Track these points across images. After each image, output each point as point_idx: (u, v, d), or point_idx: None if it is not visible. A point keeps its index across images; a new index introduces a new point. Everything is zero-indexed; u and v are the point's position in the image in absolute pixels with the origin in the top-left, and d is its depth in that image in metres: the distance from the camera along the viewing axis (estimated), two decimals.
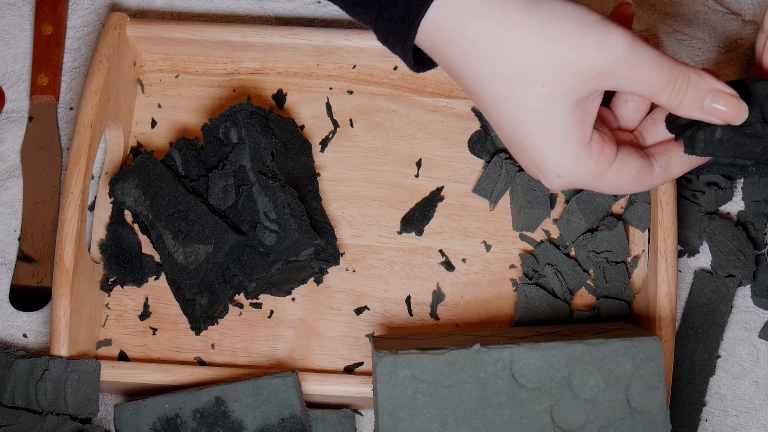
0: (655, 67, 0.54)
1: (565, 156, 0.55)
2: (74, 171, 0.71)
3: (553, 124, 0.54)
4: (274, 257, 0.68)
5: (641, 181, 0.58)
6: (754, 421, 0.71)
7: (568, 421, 0.60)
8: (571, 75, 0.53)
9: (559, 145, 0.55)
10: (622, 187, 0.58)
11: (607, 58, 0.53)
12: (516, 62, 0.53)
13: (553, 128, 0.55)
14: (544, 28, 0.53)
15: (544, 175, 0.57)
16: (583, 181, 0.57)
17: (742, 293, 0.75)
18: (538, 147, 0.55)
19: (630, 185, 0.58)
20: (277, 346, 0.73)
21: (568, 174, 0.56)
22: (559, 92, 0.54)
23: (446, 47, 0.55)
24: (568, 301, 0.72)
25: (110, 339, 0.73)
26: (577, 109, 0.55)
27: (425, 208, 0.76)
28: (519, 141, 0.56)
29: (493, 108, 0.56)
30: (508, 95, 0.54)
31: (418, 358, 0.60)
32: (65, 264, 0.68)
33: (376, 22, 0.58)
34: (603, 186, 0.57)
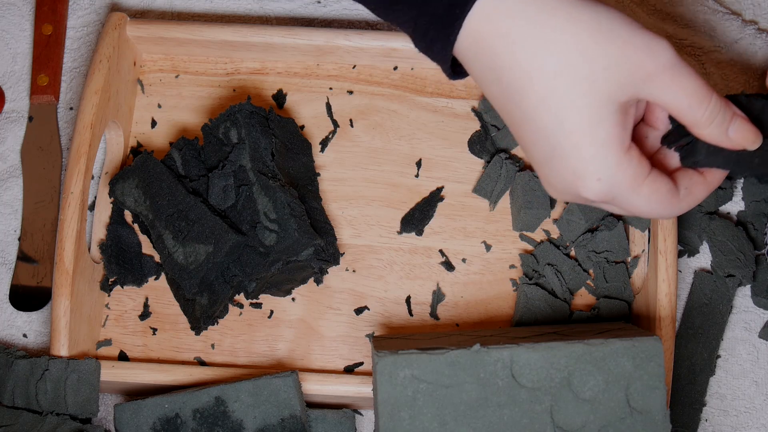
0: (694, 82, 0.54)
1: (606, 157, 0.54)
2: (74, 171, 0.71)
3: (599, 124, 0.54)
4: (274, 257, 0.68)
5: (671, 202, 0.57)
6: (754, 421, 0.71)
7: (568, 421, 0.60)
8: (619, 74, 0.53)
9: (603, 146, 0.54)
10: (653, 205, 0.56)
11: (654, 62, 0.53)
12: (567, 55, 0.53)
13: (598, 128, 0.54)
14: (598, 23, 0.53)
15: (582, 180, 0.55)
16: (620, 188, 0.55)
17: (742, 293, 0.75)
18: (580, 147, 0.54)
19: (661, 204, 0.56)
20: (277, 346, 0.73)
21: (608, 178, 0.55)
22: (605, 91, 0.53)
23: (494, 40, 0.54)
24: (568, 301, 0.72)
25: (110, 339, 0.73)
26: (620, 112, 0.54)
27: (425, 208, 0.76)
28: (559, 142, 0.54)
29: (535, 107, 0.54)
30: (554, 91, 0.53)
31: (418, 358, 0.60)
32: (65, 264, 0.68)
33: (417, 19, 0.56)
34: (636, 199, 0.56)
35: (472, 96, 0.78)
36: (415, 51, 0.76)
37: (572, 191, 0.56)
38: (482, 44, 0.55)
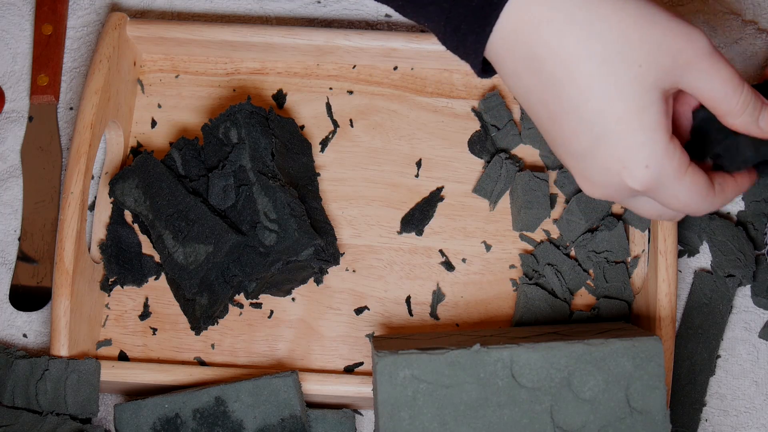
0: (729, 70, 0.54)
1: (655, 144, 0.53)
2: (74, 171, 0.71)
3: (646, 110, 0.53)
4: (274, 257, 0.68)
5: (708, 194, 0.57)
6: (754, 421, 0.71)
7: (568, 421, 0.60)
8: (662, 61, 0.53)
9: (652, 132, 0.53)
10: (693, 196, 0.56)
11: (693, 49, 0.53)
12: (613, 42, 0.52)
13: (645, 114, 0.53)
14: (641, 11, 0.53)
15: (629, 168, 0.54)
16: (666, 176, 0.54)
17: (742, 293, 0.75)
18: (628, 134, 0.53)
19: (699, 196, 0.56)
20: (277, 346, 0.73)
21: (656, 165, 0.54)
22: (651, 78, 0.53)
23: (537, 27, 0.53)
24: (568, 301, 0.72)
25: (110, 339, 0.73)
26: (663, 100, 0.54)
27: (425, 208, 0.76)
28: (605, 130, 0.53)
29: (580, 95, 0.53)
30: (601, 77, 0.53)
31: (418, 358, 0.60)
32: (65, 264, 0.68)
33: (449, 13, 0.56)
34: (679, 189, 0.55)
35: (472, 96, 0.78)
36: (415, 51, 0.77)
37: (615, 182, 0.55)
38: (521, 34, 0.54)
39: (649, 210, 0.58)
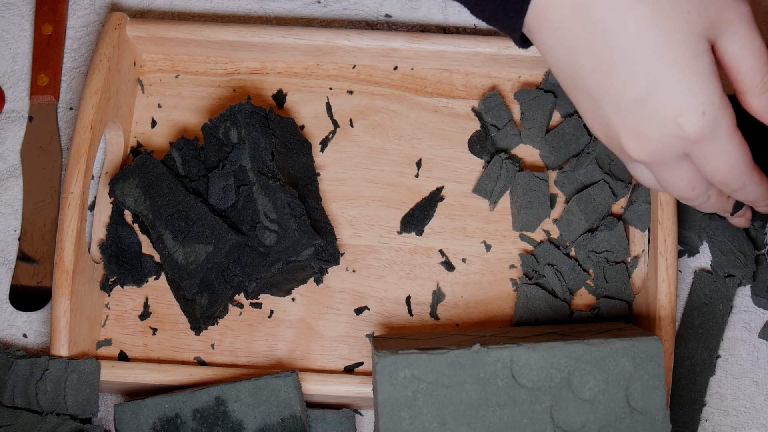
0: (761, 43, 0.54)
1: (712, 90, 0.53)
2: (74, 171, 0.71)
3: (700, 57, 0.52)
4: (274, 257, 0.68)
5: (750, 165, 0.56)
6: (754, 421, 0.71)
7: (568, 421, 0.60)
8: (711, 11, 0.52)
9: (708, 78, 0.52)
10: (741, 158, 0.55)
11: (737, 10, 0.53)
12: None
13: (699, 60, 0.52)
14: None
15: (685, 115, 0.53)
16: (721, 126, 0.53)
17: (742, 293, 0.75)
18: (686, 79, 0.52)
19: (745, 163, 0.55)
20: (277, 346, 0.73)
21: (712, 112, 0.53)
22: (699, 27, 0.52)
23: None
24: (568, 301, 0.72)
25: (110, 339, 0.73)
26: (710, 52, 0.53)
27: (425, 208, 0.76)
28: (660, 76, 0.52)
29: (633, 41, 0.52)
30: (653, 23, 0.52)
31: (418, 358, 0.60)
32: (65, 264, 0.68)
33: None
34: (730, 145, 0.54)
35: (472, 96, 0.78)
36: (415, 51, 0.77)
37: (668, 132, 0.54)
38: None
39: (685, 179, 0.57)
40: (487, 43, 0.76)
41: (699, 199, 0.60)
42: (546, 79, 0.77)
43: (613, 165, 0.74)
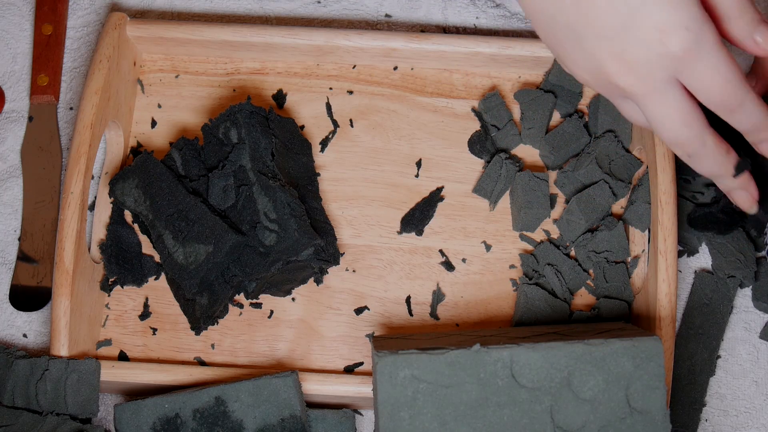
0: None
1: (693, 6, 0.53)
2: (74, 171, 0.71)
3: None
4: (274, 257, 0.68)
5: (744, 79, 0.55)
6: (754, 421, 0.71)
7: (568, 421, 0.60)
8: None
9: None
10: (732, 71, 0.54)
11: None
12: None
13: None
14: None
15: (668, 32, 0.53)
16: (707, 39, 0.54)
17: (743, 293, 0.75)
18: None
19: (738, 75, 0.55)
20: (277, 346, 0.73)
21: (696, 27, 0.53)
22: None
23: None
24: (568, 301, 0.72)
25: (110, 339, 0.73)
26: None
27: (425, 208, 0.76)
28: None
29: None
30: None
31: (418, 358, 0.60)
32: (65, 264, 0.68)
33: None
34: (720, 57, 0.54)
35: (472, 96, 0.78)
36: (415, 51, 0.77)
37: (655, 51, 0.54)
38: None
39: (677, 111, 0.56)
40: (487, 43, 0.76)
41: (694, 144, 0.58)
42: (546, 79, 0.77)
43: (613, 165, 0.74)
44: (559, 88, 0.77)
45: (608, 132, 0.75)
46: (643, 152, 0.74)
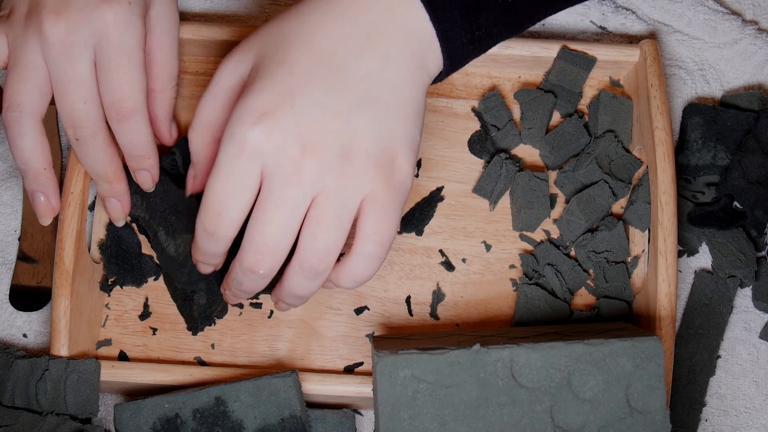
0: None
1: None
2: (74, 171, 0.71)
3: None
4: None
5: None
6: (754, 421, 0.71)
7: (568, 421, 0.60)
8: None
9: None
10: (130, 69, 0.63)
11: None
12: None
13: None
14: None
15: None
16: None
17: (743, 293, 0.75)
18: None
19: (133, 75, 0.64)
20: (277, 346, 0.73)
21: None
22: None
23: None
24: (568, 301, 0.72)
25: (110, 339, 0.73)
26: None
27: (425, 208, 0.76)
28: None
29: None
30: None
31: (418, 358, 0.60)
32: (65, 264, 0.68)
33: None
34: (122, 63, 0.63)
35: (472, 96, 0.78)
36: None
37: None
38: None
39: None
40: None
41: (87, 128, 0.63)
42: (546, 79, 0.77)
43: (613, 165, 0.74)
44: (559, 88, 0.77)
45: (608, 132, 0.75)
46: (643, 152, 0.74)
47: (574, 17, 0.83)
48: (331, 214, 0.56)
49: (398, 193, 0.58)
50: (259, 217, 0.57)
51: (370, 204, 0.57)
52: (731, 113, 0.76)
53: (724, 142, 0.76)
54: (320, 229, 0.57)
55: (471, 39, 0.60)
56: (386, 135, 0.57)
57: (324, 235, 0.57)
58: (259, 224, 0.57)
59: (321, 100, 0.56)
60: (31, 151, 0.63)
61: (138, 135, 0.65)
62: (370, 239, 0.58)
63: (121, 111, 0.63)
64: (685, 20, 0.82)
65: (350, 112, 0.56)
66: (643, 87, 0.73)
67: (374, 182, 0.57)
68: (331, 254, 0.58)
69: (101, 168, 0.66)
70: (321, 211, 0.56)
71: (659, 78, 0.73)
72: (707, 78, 0.80)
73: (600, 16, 0.83)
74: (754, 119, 0.76)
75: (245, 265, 0.59)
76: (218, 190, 0.57)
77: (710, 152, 0.76)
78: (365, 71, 0.57)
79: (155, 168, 0.67)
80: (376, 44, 0.57)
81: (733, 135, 0.76)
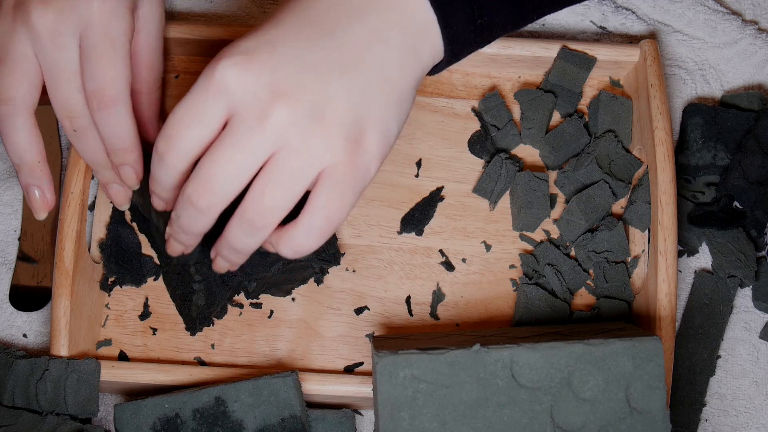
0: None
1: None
2: (74, 171, 0.71)
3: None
4: (274, 257, 0.68)
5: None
6: (754, 421, 0.71)
7: (568, 421, 0.60)
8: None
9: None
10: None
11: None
12: None
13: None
14: None
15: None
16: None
17: (743, 293, 0.75)
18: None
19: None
20: (277, 346, 0.73)
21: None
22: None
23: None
24: (568, 301, 0.72)
25: (110, 339, 0.73)
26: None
27: (425, 208, 0.76)
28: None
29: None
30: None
31: (418, 358, 0.60)
32: (65, 264, 0.68)
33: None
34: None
35: (472, 96, 0.78)
36: None
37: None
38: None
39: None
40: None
41: (83, 119, 0.62)
42: (546, 79, 0.77)
43: (613, 165, 0.74)
44: (559, 88, 0.77)
45: (608, 132, 0.75)
46: (643, 152, 0.74)
47: (574, 17, 0.83)
48: (287, 176, 0.54)
49: (359, 174, 0.56)
50: (213, 152, 0.54)
51: (328, 178, 0.55)
52: (731, 113, 0.76)
53: (724, 142, 0.76)
54: (269, 187, 0.54)
55: (473, 27, 0.59)
56: (361, 108, 0.55)
57: (272, 193, 0.54)
58: (210, 159, 0.54)
59: (302, 55, 0.54)
60: (24, 144, 0.62)
61: (119, 126, 0.62)
62: (318, 212, 0.55)
63: (102, 99, 0.60)
64: (685, 20, 0.82)
65: (330, 72, 0.54)
66: (643, 87, 0.73)
67: (338, 155, 0.54)
68: (275, 214, 0.55)
69: (102, 157, 0.64)
70: (277, 168, 0.54)
71: (659, 78, 0.73)
72: (707, 78, 0.80)
73: (600, 16, 0.83)
74: (754, 119, 0.76)
75: (186, 194, 0.56)
76: (176, 114, 0.55)
77: (710, 152, 0.76)
78: (352, 40, 0.55)
79: (138, 163, 0.65)
80: (367, 18, 0.55)
81: (733, 135, 0.76)
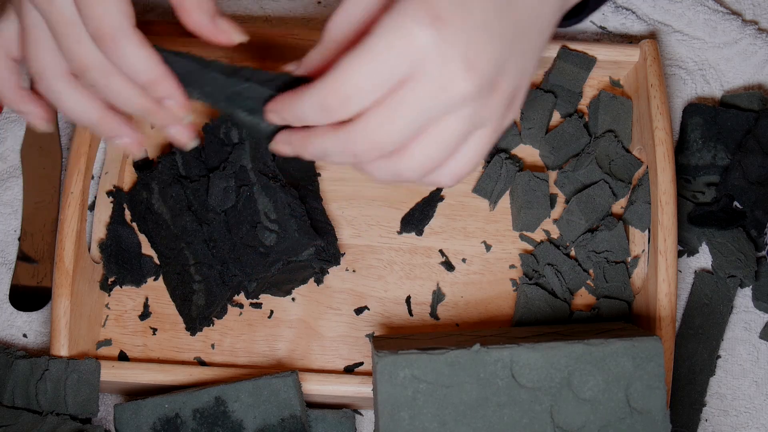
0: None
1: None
2: (74, 171, 0.71)
3: None
4: (274, 257, 0.68)
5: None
6: (754, 421, 0.71)
7: (568, 421, 0.60)
8: None
9: None
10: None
11: None
12: None
13: None
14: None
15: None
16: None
17: (743, 293, 0.75)
18: None
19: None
20: (277, 346, 0.73)
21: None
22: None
23: None
24: (568, 301, 0.72)
25: (110, 339, 0.73)
26: None
27: (425, 208, 0.76)
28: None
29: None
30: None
31: (418, 358, 0.60)
32: (65, 264, 0.68)
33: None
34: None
35: None
36: None
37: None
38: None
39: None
40: None
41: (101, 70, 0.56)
42: (546, 79, 0.77)
43: (613, 165, 0.74)
44: (559, 88, 0.77)
45: (608, 132, 0.75)
46: (643, 152, 0.74)
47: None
48: (448, 137, 0.51)
49: (498, 135, 0.53)
50: (387, 106, 0.50)
51: (477, 138, 0.52)
52: (731, 113, 0.76)
53: (724, 142, 0.76)
54: (427, 146, 0.51)
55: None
56: (522, 74, 0.53)
57: (427, 151, 0.51)
58: (382, 113, 0.50)
59: (492, 24, 0.50)
60: (78, 107, 0.58)
61: (133, 59, 0.56)
62: (466, 158, 0.53)
63: (102, 39, 0.54)
64: (685, 20, 0.82)
65: (511, 45, 0.51)
66: (643, 87, 0.73)
67: (494, 120, 0.52)
68: (425, 169, 0.52)
69: (139, 100, 0.57)
70: (443, 131, 0.51)
71: (659, 78, 0.73)
72: (707, 78, 0.80)
73: (600, 16, 0.83)
74: (754, 119, 0.76)
75: (352, 151, 0.51)
76: (356, 72, 0.50)
77: (710, 152, 0.76)
78: (530, 4, 0.52)
79: (177, 90, 0.58)
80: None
81: (733, 135, 0.76)
